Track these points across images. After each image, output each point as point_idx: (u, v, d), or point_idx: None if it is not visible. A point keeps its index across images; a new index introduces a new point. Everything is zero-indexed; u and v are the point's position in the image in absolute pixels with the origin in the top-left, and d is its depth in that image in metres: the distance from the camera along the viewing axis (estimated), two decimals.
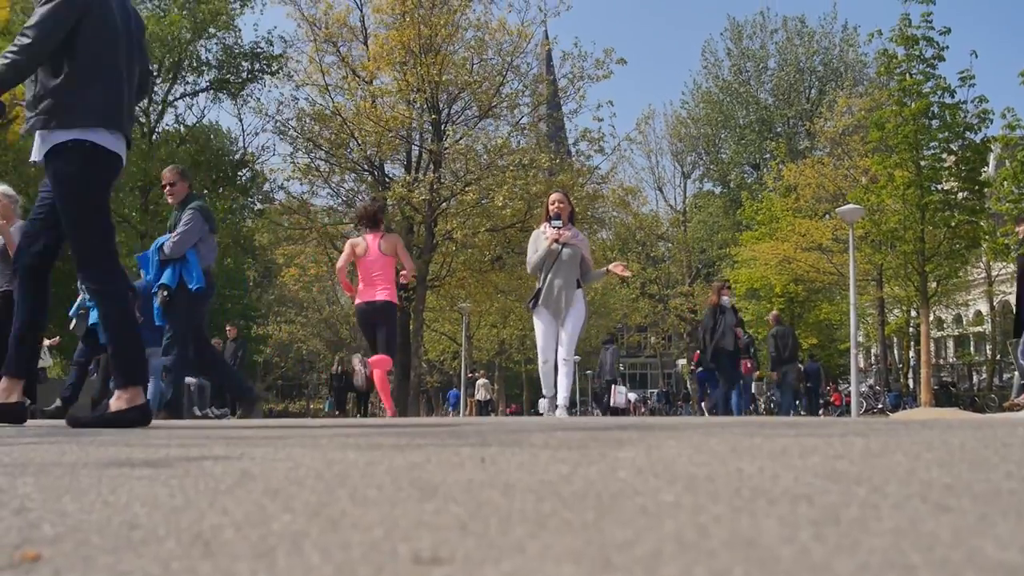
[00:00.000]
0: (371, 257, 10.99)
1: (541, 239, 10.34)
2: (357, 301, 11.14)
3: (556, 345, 10.21)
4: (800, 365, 24.34)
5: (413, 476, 1.94)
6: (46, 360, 18.50)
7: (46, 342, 17.82)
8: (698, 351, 27.40)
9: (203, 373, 12.81)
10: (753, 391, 27.71)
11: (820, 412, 29.55)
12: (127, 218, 34.39)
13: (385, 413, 11.94)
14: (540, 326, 10.23)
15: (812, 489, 1.62)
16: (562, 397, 9.99)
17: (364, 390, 28.11)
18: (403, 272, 11.27)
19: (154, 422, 6.18)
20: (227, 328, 23.62)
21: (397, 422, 6.52)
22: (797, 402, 23.53)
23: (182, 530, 1.31)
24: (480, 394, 42.42)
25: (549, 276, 10.12)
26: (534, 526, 1.28)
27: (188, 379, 20.00)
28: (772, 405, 28.31)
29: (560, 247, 10.13)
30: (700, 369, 26.17)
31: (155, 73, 35.85)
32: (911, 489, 1.61)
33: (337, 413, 32.91)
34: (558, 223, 10.21)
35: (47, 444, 3.29)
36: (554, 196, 10.59)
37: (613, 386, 26.80)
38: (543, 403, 10.82)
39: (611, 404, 26.57)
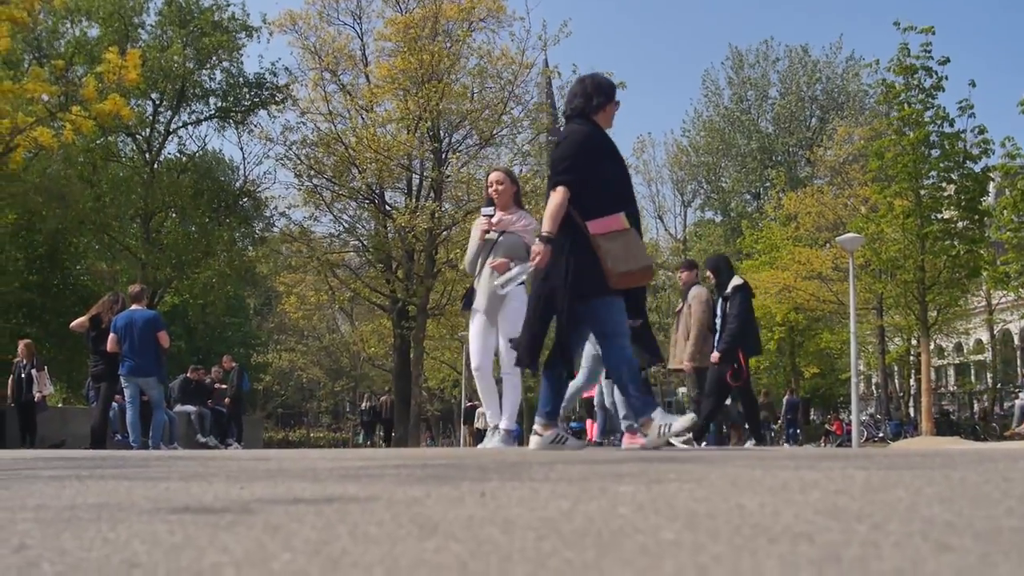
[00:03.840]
0: None
1: (476, 230, 8.62)
2: None
3: (492, 353, 8.66)
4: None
5: (413, 512, 1.93)
6: (47, 388, 18.44)
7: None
8: None
9: None
10: None
11: (793, 442, 32.04)
12: (128, 247, 34.41)
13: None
14: (472, 329, 8.59)
15: (813, 527, 1.62)
16: (506, 420, 8.47)
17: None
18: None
19: (155, 453, 6.16)
20: (223, 359, 23.48)
21: (397, 453, 6.51)
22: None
23: (182, 569, 1.31)
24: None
25: (484, 271, 8.43)
26: (535, 566, 1.28)
27: (187, 408, 20.07)
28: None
29: (497, 236, 8.38)
30: None
31: (159, 103, 36.00)
32: (912, 527, 1.60)
33: (369, 443, 35.88)
34: (489, 211, 8.46)
35: (46, 479, 3.28)
36: (492, 176, 8.77)
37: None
38: (488, 436, 8.78)
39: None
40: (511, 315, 8.18)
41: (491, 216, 8.38)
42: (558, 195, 6.18)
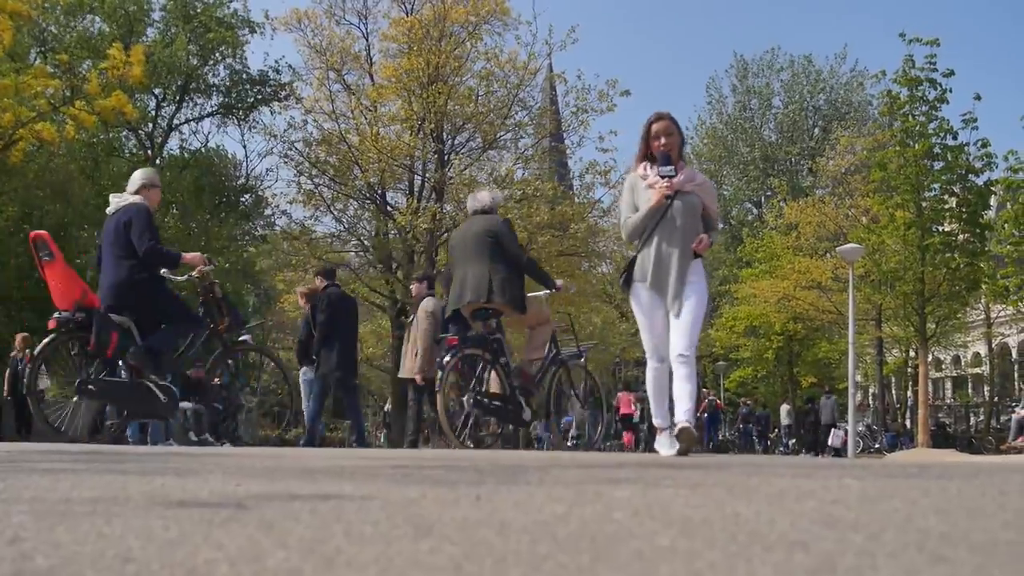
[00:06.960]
0: None
1: (640, 188, 6.89)
2: None
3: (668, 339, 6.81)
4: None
5: (408, 512, 1.93)
6: (44, 382, 18.39)
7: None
8: (705, 399, 31.77)
9: None
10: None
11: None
12: None
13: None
14: (642, 313, 6.90)
15: (808, 535, 1.62)
16: (684, 411, 6.66)
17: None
18: None
19: (151, 449, 6.15)
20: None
21: (393, 454, 6.50)
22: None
23: (176, 565, 1.30)
24: None
25: (653, 239, 6.77)
26: (529, 568, 1.28)
27: (183, 404, 20.02)
28: None
29: (669, 201, 6.74)
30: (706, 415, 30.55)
31: (162, 98, 36.03)
32: (908, 537, 1.60)
33: (389, 443, 37.62)
34: (669, 169, 6.77)
35: (42, 471, 3.28)
36: (659, 125, 6.92)
37: (833, 429, 31.20)
38: (661, 439, 7.04)
39: (829, 444, 30.88)
40: (696, 299, 6.79)
41: (672, 176, 6.76)
42: None
